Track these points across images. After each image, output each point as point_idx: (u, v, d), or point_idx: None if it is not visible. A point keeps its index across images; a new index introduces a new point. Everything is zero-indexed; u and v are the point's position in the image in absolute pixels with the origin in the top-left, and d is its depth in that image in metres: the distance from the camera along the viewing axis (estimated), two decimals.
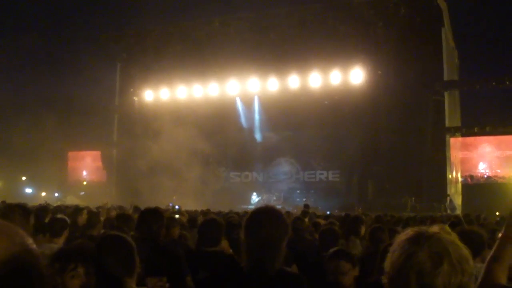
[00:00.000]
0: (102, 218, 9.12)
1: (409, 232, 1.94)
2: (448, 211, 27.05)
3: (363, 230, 7.68)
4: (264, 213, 3.07)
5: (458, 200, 30.45)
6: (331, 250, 4.49)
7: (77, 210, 10.31)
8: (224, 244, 5.49)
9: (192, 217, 11.28)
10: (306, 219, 11.23)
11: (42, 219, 6.86)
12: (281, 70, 33.16)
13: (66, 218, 6.42)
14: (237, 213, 12.66)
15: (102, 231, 7.21)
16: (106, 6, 41.80)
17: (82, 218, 8.61)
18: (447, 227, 1.97)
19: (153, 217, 4.99)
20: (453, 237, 1.92)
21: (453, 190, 30.76)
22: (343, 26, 32.12)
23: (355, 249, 6.92)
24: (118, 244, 3.35)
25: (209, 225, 5.38)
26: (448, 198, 29.11)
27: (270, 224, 2.96)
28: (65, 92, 36.34)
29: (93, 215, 8.30)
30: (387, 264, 1.94)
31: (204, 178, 32.63)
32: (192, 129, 31.84)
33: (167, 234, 6.38)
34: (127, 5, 38.33)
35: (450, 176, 30.99)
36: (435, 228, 1.93)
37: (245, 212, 13.95)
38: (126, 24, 38.69)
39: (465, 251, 1.89)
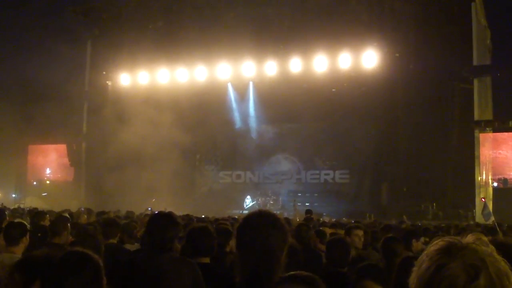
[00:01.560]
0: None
1: (439, 242, 1.92)
2: (476, 219, 26.96)
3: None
4: (259, 218, 3.04)
5: (489, 208, 30.33)
6: (359, 265, 4.50)
7: (38, 214, 10.22)
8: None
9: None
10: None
11: None
12: (280, 52, 33.20)
13: (25, 223, 6.35)
14: (226, 220, 12.50)
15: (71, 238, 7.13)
16: None
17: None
18: (484, 237, 2.17)
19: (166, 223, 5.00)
20: (491, 249, 1.90)
21: (482, 195, 30.59)
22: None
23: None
24: (82, 263, 3.22)
25: (200, 234, 5.51)
26: (483, 202, 28.96)
27: (266, 232, 2.95)
28: (24, 75, 36.19)
29: (59, 220, 8.06)
30: (413, 279, 1.92)
31: (189, 178, 32.57)
32: (176, 120, 31.76)
33: None
34: None
35: (479, 178, 30.76)
36: (469, 238, 1.92)
37: (233, 219, 13.79)
38: None
39: (505, 265, 1.85)
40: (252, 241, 2.94)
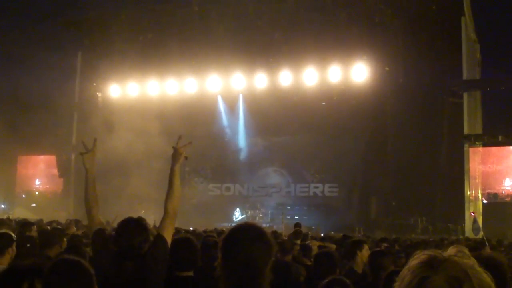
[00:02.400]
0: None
1: (420, 255, 1.90)
2: (466, 234, 26.98)
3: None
4: (244, 231, 3.02)
5: (479, 222, 30.34)
6: (327, 279, 4.46)
7: (26, 224, 10.12)
8: None
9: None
10: (299, 241, 11.17)
11: None
12: (270, 65, 33.35)
13: (11, 233, 6.25)
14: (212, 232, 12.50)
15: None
16: None
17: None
18: (465, 249, 2.07)
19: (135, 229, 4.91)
20: (473, 261, 1.90)
21: (472, 209, 30.61)
22: (344, 13, 32.00)
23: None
24: (73, 271, 3.16)
25: (182, 246, 5.35)
26: (473, 216, 28.94)
27: (250, 244, 2.91)
28: (14, 86, 36.04)
29: (53, 231, 8.07)
30: None
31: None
32: (165, 132, 31.61)
33: None
34: None
35: (468, 192, 30.83)
36: (451, 251, 1.93)
37: (222, 231, 13.74)
38: (88, 5, 38.08)
39: (487, 277, 1.84)
40: (236, 254, 2.91)
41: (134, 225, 4.89)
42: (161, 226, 5.11)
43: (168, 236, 5.05)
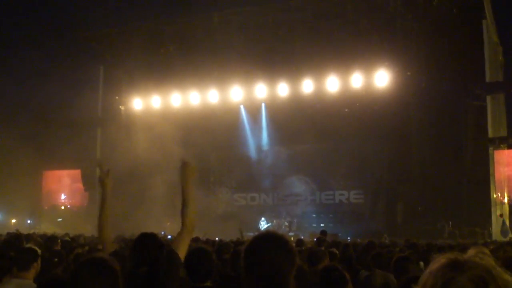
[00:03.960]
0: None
1: (441, 259, 1.93)
2: (493, 237, 27.02)
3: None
4: (266, 240, 3.00)
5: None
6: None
7: (50, 239, 10.35)
8: None
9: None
10: (323, 249, 11.27)
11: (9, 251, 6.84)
12: (292, 73, 33.45)
13: (36, 248, 6.36)
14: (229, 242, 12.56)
15: None
16: None
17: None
18: (485, 250, 1.89)
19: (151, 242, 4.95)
20: (494, 261, 1.91)
21: (498, 212, 30.56)
22: (365, 19, 32.16)
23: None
24: (99, 270, 3.21)
25: (199, 256, 5.32)
26: (502, 219, 29.00)
27: (273, 254, 2.89)
28: (39, 101, 36.52)
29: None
30: None
31: (203, 201, 32.66)
32: (189, 144, 31.96)
33: None
34: None
35: (494, 196, 30.72)
36: (471, 252, 1.94)
37: (237, 241, 13.97)
38: (110, 20, 38.50)
39: (510, 277, 1.86)
40: (259, 263, 2.88)
41: (149, 240, 4.92)
42: (178, 239, 5.20)
43: (184, 250, 5.12)
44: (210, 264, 5.33)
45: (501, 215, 29.22)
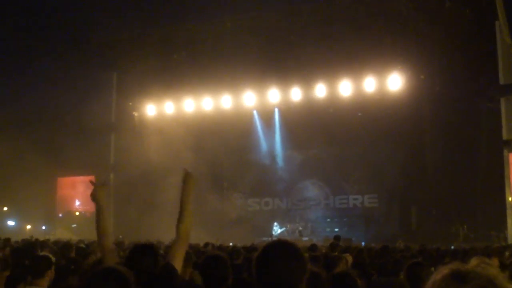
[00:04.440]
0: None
1: (443, 270, 1.95)
2: (509, 241, 26.95)
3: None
4: (276, 249, 3.04)
5: None
6: None
7: (65, 246, 10.41)
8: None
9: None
10: (336, 254, 11.25)
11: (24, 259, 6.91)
12: (305, 78, 33.49)
13: (51, 256, 6.45)
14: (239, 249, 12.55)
15: None
16: (99, 5, 41.75)
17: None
18: (486, 260, 1.92)
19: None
20: (496, 271, 1.96)
21: None
22: (377, 23, 32.02)
23: None
24: (113, 281, 3.23)
25: (213, 263, 5.35)
26: None
27: (283, 262, 2.94)
28: (52, 108, 36.78)
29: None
30: None
31: (217, 207, 32.69)
32: (202, 149, 32.10)
33: None
34: (124, 4, 38.37)
35: (510, 199, 30.44)
36: (474, 262, 2.10)
37: (251, 247, 13.96)
38: (123, 26, 38.67)
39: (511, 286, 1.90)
40: (270, 272, 2.93)
41: (143, 250, 4.88)
42: (173, 249, 5.24)
43: (179, 260, 5.11)
44: (226, 270, 5.35)
45: None
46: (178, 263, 5.07)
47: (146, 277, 4.59)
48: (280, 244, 3.10)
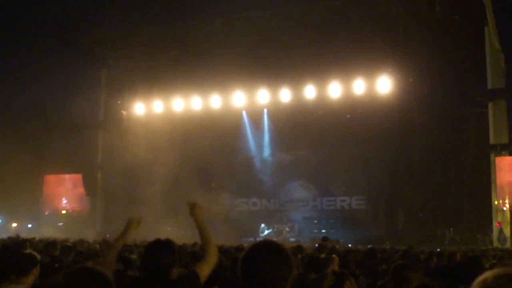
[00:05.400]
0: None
1: (495, 272, 1.99)
2: (494, 244, 27.20)
3: None
4: (262, 249, 3.07)
5: (506, 232, 30.36)
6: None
7: (50, 244, 10.43)
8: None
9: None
10: (323, 256, 11.36)
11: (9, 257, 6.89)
12: (294, 79, 33.58)
13: (36, 254, 6.42)
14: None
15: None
16: (89, 2, 41.55)
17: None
18: None
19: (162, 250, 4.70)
20: None
21: (499, 219, 30.61)
22: (367, 26, 32.23)
23: None
24: (91, 280, 3.13)
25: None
26: (499, 227, 29.12)
27: (269, 263, 2.97)
28: (40, 105, 36.62)
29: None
30: None
31: (205, 206, 32.64)
32: (191, 148, 32.14)
33: None
34: (114, 1, 38.09)
35: (495, 202, 30.76)
36: None
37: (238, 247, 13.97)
38: (113, 24, 38.50)
39: None
40: (256, 273, 2.96)
41: (162, 247, 4.69)
42: (203, 264, 4.98)
43: (206, 276, 4.87)
44: (218, 269, 5.48)
45: (498, 224, 29.36)
46: (203, 276, 4.86)
47: (163, 276, 4.50)
48: (266, 245, 3.14)
